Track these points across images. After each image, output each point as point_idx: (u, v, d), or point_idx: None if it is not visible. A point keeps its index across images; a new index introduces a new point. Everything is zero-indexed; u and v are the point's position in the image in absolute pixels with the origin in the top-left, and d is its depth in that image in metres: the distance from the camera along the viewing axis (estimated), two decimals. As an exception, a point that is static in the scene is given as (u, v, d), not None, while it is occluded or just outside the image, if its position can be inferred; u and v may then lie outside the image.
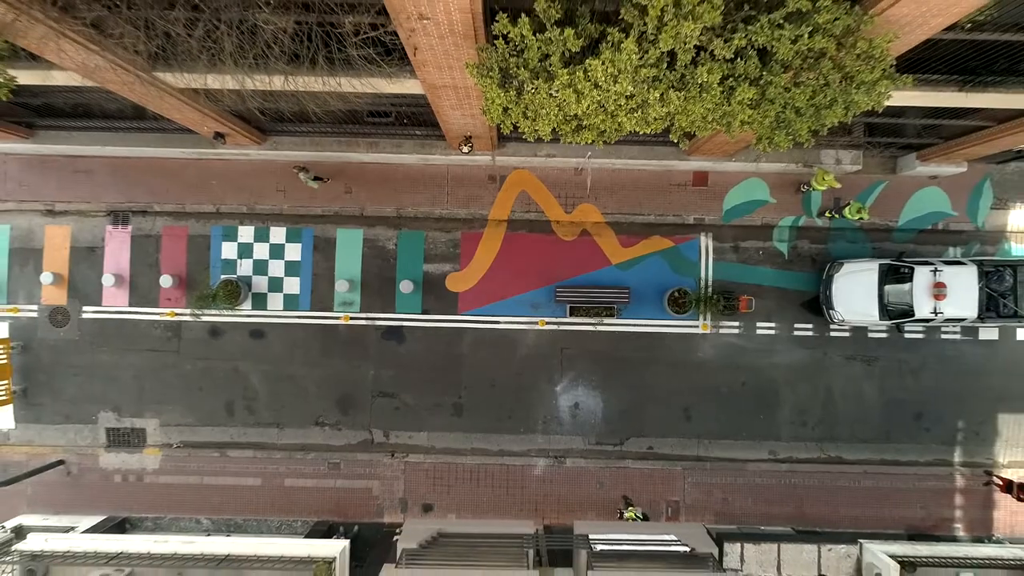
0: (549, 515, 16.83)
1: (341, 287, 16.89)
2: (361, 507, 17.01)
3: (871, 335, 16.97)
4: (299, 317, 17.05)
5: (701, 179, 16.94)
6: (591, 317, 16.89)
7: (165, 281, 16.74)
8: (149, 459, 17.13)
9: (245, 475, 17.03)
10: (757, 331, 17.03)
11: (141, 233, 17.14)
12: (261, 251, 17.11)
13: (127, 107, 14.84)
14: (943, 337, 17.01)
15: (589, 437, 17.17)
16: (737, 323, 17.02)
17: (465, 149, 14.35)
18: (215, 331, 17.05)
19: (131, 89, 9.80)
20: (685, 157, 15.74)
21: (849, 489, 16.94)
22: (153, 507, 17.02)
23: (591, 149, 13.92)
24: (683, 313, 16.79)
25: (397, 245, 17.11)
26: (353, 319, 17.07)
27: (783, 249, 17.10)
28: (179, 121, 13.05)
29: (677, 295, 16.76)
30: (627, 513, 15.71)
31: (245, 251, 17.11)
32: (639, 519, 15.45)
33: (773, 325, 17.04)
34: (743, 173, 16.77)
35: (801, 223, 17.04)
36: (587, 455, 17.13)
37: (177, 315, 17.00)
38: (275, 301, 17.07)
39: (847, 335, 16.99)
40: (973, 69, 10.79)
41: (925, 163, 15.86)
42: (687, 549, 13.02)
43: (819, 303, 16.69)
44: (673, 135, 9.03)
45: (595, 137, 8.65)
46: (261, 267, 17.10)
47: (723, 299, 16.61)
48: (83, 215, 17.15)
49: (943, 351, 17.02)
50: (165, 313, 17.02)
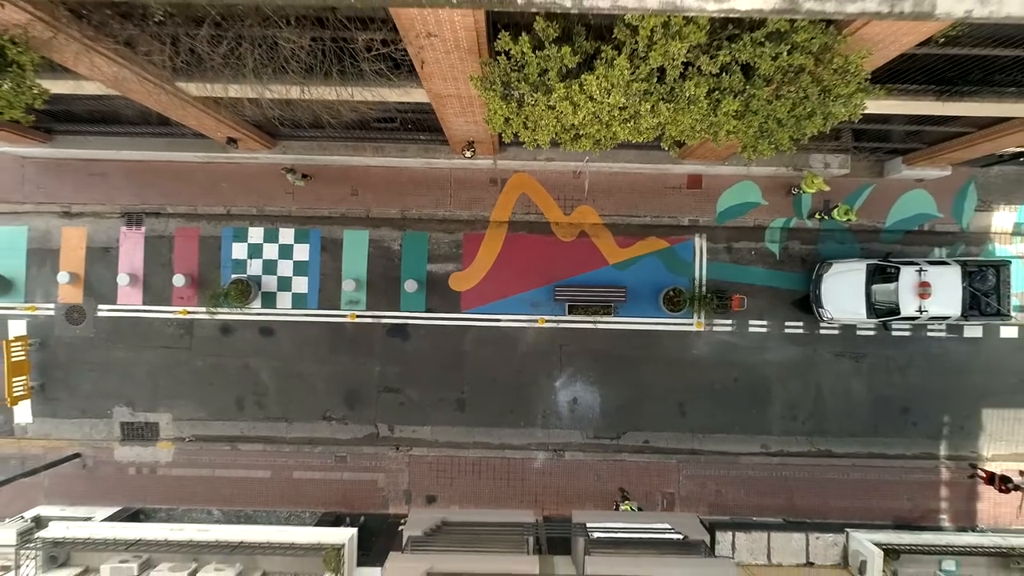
0: (549, 506, 17.43)
1: (348, 286, 17.49)
2: (367, 499, 17.60)
3: (859, 333, 17.56)
4: (307, 315, 17.66)
5: (695, 182, 17.54)
6: (589, 315, 17.48)
7: (178, 280, 17.32)
8: (162, 452, 17.74)
9: (255, 468, 17.63)
10: (749, 329, 17.63)
11: (154, 234, 17.74)
12: (270, 251, 17.71)
13: (142, 113, 15.40)
14: (929, 335, 17.61)
15: (587, 431, 17.78)
16: (730, 321, 17.62)
17: (468, 154, 14.94)
18: (226, 329, 17.65)
19: (155, 99, 10.40)
20: (679, 161, 16.32)
21: (838, 481, 17.54)
22: (166, 499, 17.60)
23: (589, 154, 14.52)
24: (678, 312, 17.40)
25: (402, 246, 17.71)
26: (359, 317, 17.67)
27: (774, 250, 17.70)
28: (195, 127, 13.65)
29: (672, 294, 17.36)
30: (623, 506, 16.30)
31: (255, 251, 17.71)
32: (634, 511, 16.03)
33: (765, 323, 17.64)
34: (736, 176, 17.36)
35: (792, 224, 17.64)
36: (585, 448, 17.72)
37: (189, 313, 17.61)
38: (284, 300, 17.67)
39: (836, 333, 17.59)
40: (950, 79, 11.38)
41: (911, 167, 16.45)
42: (680, 537, 13.57)
43: (809, 302, 17.27)
44: (664, 143, 9.64)
45: (591, 145, 9.26)
46: (270, 267, 17.70)
47: (717, 298, 17.20)
48: (98, 217, 17.74)
49: (929, 348, 17.61)
50: (178, 311, 17.62)
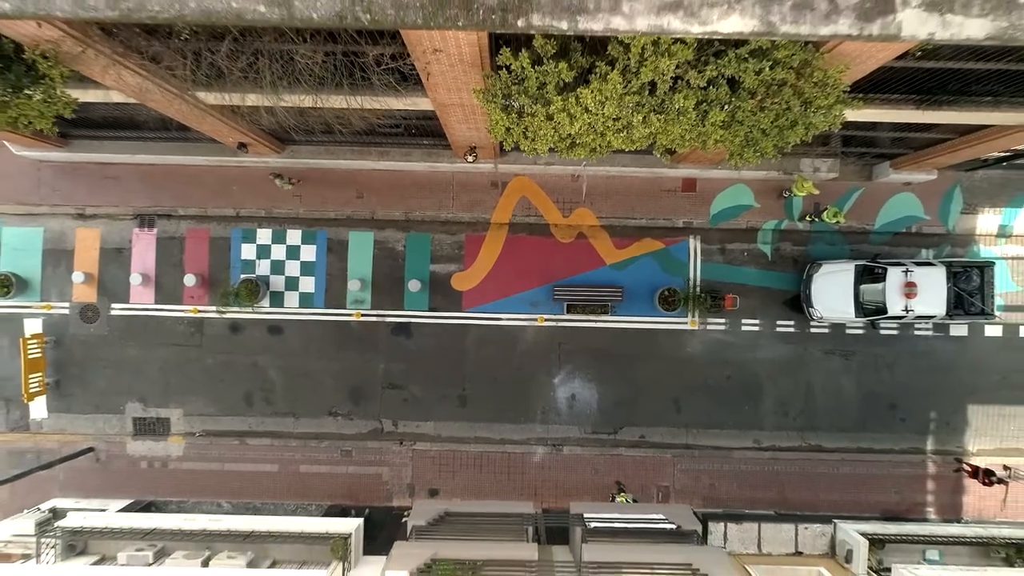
0: (547, 499, 17.99)
1: (353, 286, 18.05)
2: (372, 492, 18.17)
3: (848, 331, 18.13)
4: (314, 314, 18.22)
5: (690, 185, 18.11)
6: (587, 314, 18.04)
7: (188, 280, 17.88)
8: (173, 446, 18.30)
9: (263, 462, 18.20)
10: (742, 328, 18.20)
11: (166, 235, 18.31)
12: (278, 252, 18.28)
13: (155, 118, 15.97)
14: (916, 333, 18.17)
15: (585, 426, 18.34)
16: (723, 320, 18.19)
17: (470, 158, 15.51)
18: (235, 327, 18.22)
19: (174, 108, 10.97)
20: (674, 165, 16.87)
21: (828, 475, 18.10)
22: (177, 491, 18.18)
23: (586, 159, 15.11)
24: (673, 311, 17.97)
25: (405, 247, 18.28)
26: (364, 316, 18.24)
27: (767, 251, 18.27)
28: (208, 133, 14.22)
29: (667, 294, 17.93)
30: (619, 498, 16.86)
31: (263, 252, 18.28)
32: (629, 503, 16.59)
33: (757, 322, 18.21)
34: (729, 180, 17.91)
35: (783, 226, 18.20)
36: (583, 443, 18.30)
37: (200, 312, 18.18)
38: (291, 299, 18.25)
39: (826, 331, 18.16)
40: (929, 89, 11.95)
41: (898, 171, 17.01)
42: (674, 527, 14.10)
43: (800, 301, 17.83)
44: (656, 151, 10.21)
45: (587, 153, 9.83)
46: (278, 267, 18.27)
47: (710, 298, 17.76)
48: (112, 218, 18.30)
49: (916, 346, 18.17)
50: (188, 310, 18.19)
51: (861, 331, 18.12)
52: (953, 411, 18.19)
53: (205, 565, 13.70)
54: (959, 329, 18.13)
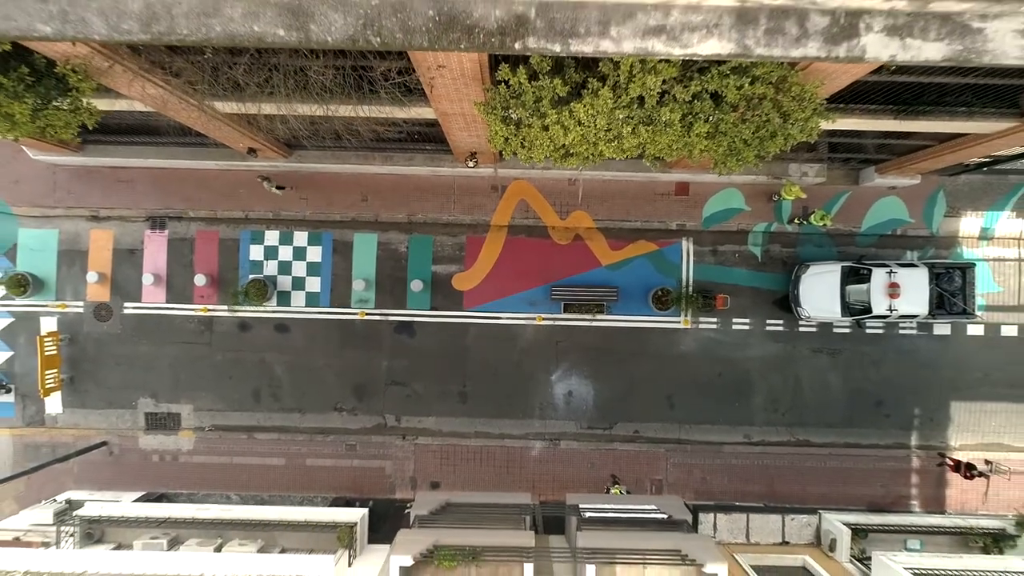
0: (545, 492, 18.63)
1: (358, 286, 18.70)
2: (375, 485, 18.82)
3: (836, 330, 18.78)
4: (320, 313, 18.87)
5: (683, 189, 18.76)
6: (583, 313, 18.68)
7: (199, 280, 18.53)
8: (184, 441, 18.94)
9: (270, 455, 18.84)
10: (733, 326, 18.85)
11: (177, 236, 18.95)
12: (285, 253, 18.93)
13: (168, 125, 16.61)
14: (901, 332, 18.81)
15: (581, 422, 18.99)
16: (715, 319, 18.83)
17: (471, 163, 16.17)
18: (244, 325, 18.87)
19: (192, 117, 11.62)
20: (667, 170, 17.50)
21: (816, 469, 18.74)
22: (188, 484, 18.82)
23: (580, 166, 15.77)
24: (666, 310, 18.62)
25: (408, 248, 18.93)
26: (368, 315, 18.88)
27: (757, 252, 18.91)
28: (221, 139, 14.86)
29: (661, 294, 18.57)
30: (613, 490, 17.51)
31: (271, 253, 18.93)
32: (623, 495, 17.23)
33: (747, 321, 18.85)
34: (720, 184, 18.56)
35: (773, 229, 18.84)
36: (579, 438, 18.94)
37: (209, 311, 18.83)
38: (298, 298, 18.89)
39: (814, 330, 18.80)
40: (906, 100, 12.60)
41: (883, 176, 17.64)
42: (665, 516, 14.78)
43: (789, 301, 18.47)
44: (646, 159, 10.85)
45: (580, 162, 10.48)
46: (285, 267, 18.92)
47: (702, 297, 18.40)
48: (124, 220, 18.94)
49: (901, 345, 18.81)
50: (199, 309, 18.83)
51: (848, 330, 18.76)
52: (937, 407, 18.83)
53: (217, 552, 14.33)
54: (942, 328, 18.77)
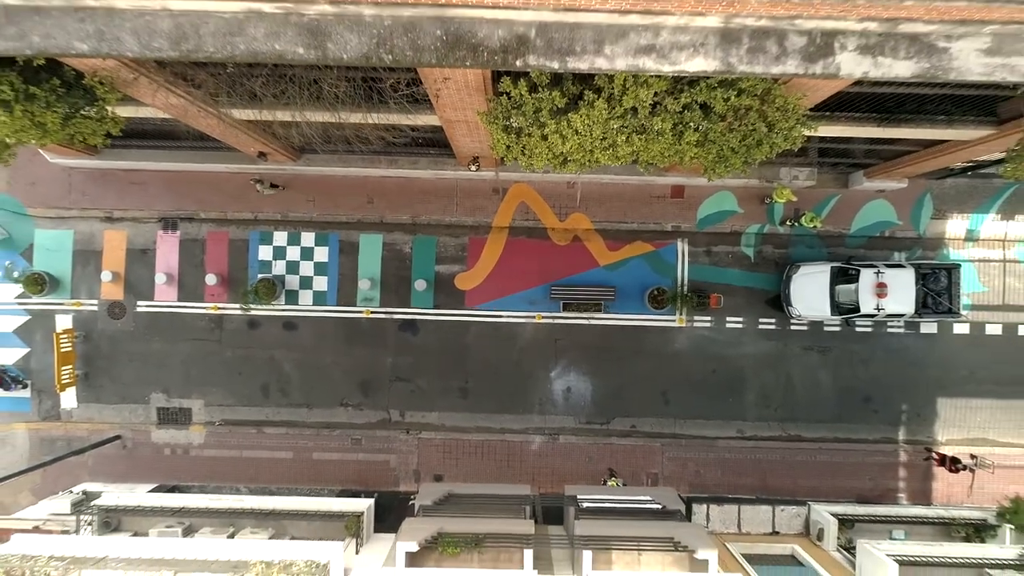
0: (544, 485, 19.23)
1: (363, 285, 19.32)
2: (380, 477, 19.45)
3: (826, 329, 19.40)
4: (326, 311, 19.50)
5: (678, 192, 19.38)
6: (582, 312, 19.30)
7: (209, 279, 19.16)
8: (195, 435, 19.57)
9: (279, 449, 19.47)
10: (726, 325, 19.47)
11: (188, 237, 19.57)
12: (293, 253, 19.56)
13: (182, 130, 17.17)
14: (889, 331, 19.43)
15: (580, 417, 19.62)
16: (709, 318, 19.45)
17: (473, 167, 16.77)
18: (253, 323, 19.50)
19: (209, 124, 12.24)
20: (663, 173, 18.11)
21: (806, 463, 19.36)
22: (198, 477, 19.45)
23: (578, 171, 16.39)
24: (662, 309, 19.24)
25: (412, 248, 19.55)
26: (373, 313, 19.50)
27: (749, 253, 19.53)
28: (234, 144, 15.47)
29: (656, 293, 19.20)
30: (610, 482, 18.14)
31: (279, 253, 19.56)
32: (619, 487, 17.86)
33: (740, 320, 19.48)
34: (714, 187, 19.17)
35: (765, 230, 19.46)
36: (578, 433, 19.57)
37: (220, 309, 19.46)
38: (305, 297, 19.52)
39: (805, 328, 19.42)
40: (888, 108, 13.23)
41: (871, 179, 18.25)
42: (659, 507, 15.39)
43: (780, 300, 19.09)
44: (640, 165, 11.47)
45: (577, 168, 11.10)
46: (293, 267, 19.54)
47: (697, 297, 19.02)
48: (137, 221, 19.57)
49: (889, 343, 19.43)
50: (209, 307, 19.46)
51: (838, 328, 19.37)
52: (924, 403, 19.44)
53: (230, 539, 14.93)
54: (929, 327, 19.39)
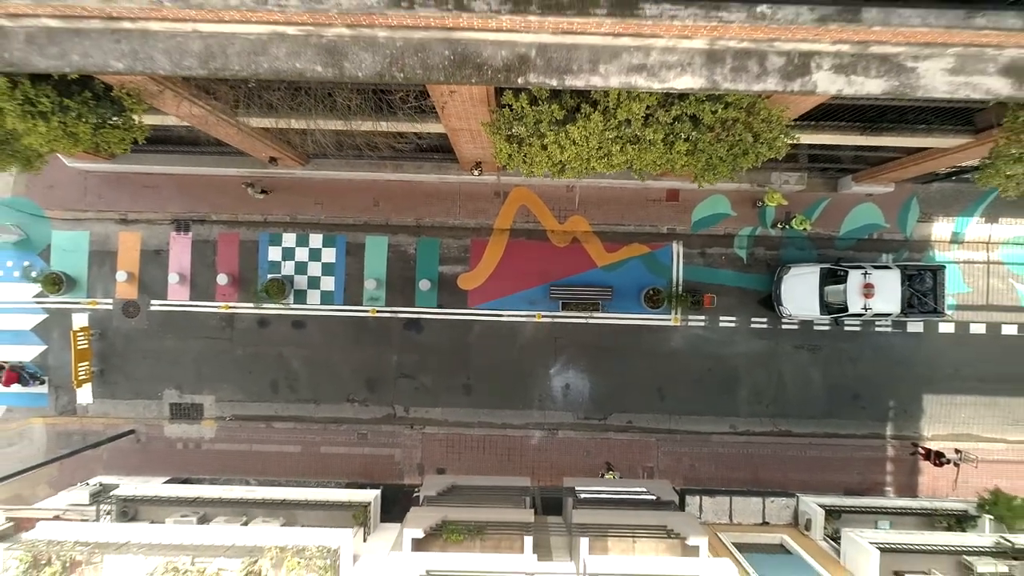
0: (544, 478, 19.91)
1: (369, 285, 20.01)
2: (385, 471, 20.12)
3: (816, 328, 20.08)
4: (334, 310, 20.18)
5: (673, 195, 20.07)
6: (580, 312, 19.98)
7: (221, 279, 19.82)
8: (206, 429, 20.25)
9: (287, 443, 20.15)
10: (720, 324, 20.15)
11: (200, 238, 20.25)
12: (302, 254, 20.24)
13: (197, 136, 17.85)
14: (877, 330, 20.11)
15: (578, 413, 20.30)
16: (703, 317, 20.14)
17: (476, 172, 17.47)
18: (263, 321, 20.18)
19: (226, 132, 12.92)
20: (658, 178, 18.80)
21: (797, 457, 20.04)
22: (210, 470, 20.11)
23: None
24: (657, 308, 19.93)
25: (416, 250, 20.24)
26: (379, 312, 20.19)
27: (742, 255, 20.21)
28: (247, 150, 16.17)
29: (652, 293, 19.88)
30: (607, 476, 18.81)
31: (288, 254, 20.24)
32: (615, 479, 18.53)
33: (733, 319, 20.16)
34: (708, 191, 19.85)
35: (758, 233, 20.14)
36: (576, 428, 20.25)
37: (231, 308, 20.14)
38: (313, 297, 20.20)
39: (795, 328, 20.10)
40: (871, 117, 13.92)
41: (859, 184, 18.94)
42: (654, 498, 16.06)
43: (772, 300, 19.75)
44: (633, 173, 12.16)
45: (575, 175, 11.78)
46: (302, 268, 20.23)
47: (691, 297, 19.70)
48: (151, 223, 20.25)
49: (877, 342, 20.11)
50: (220, 306, 20.15)
51: (827, 328, 20.05)
52: (910, 400, 20.12)
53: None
54: (916, 326, 20.06)
